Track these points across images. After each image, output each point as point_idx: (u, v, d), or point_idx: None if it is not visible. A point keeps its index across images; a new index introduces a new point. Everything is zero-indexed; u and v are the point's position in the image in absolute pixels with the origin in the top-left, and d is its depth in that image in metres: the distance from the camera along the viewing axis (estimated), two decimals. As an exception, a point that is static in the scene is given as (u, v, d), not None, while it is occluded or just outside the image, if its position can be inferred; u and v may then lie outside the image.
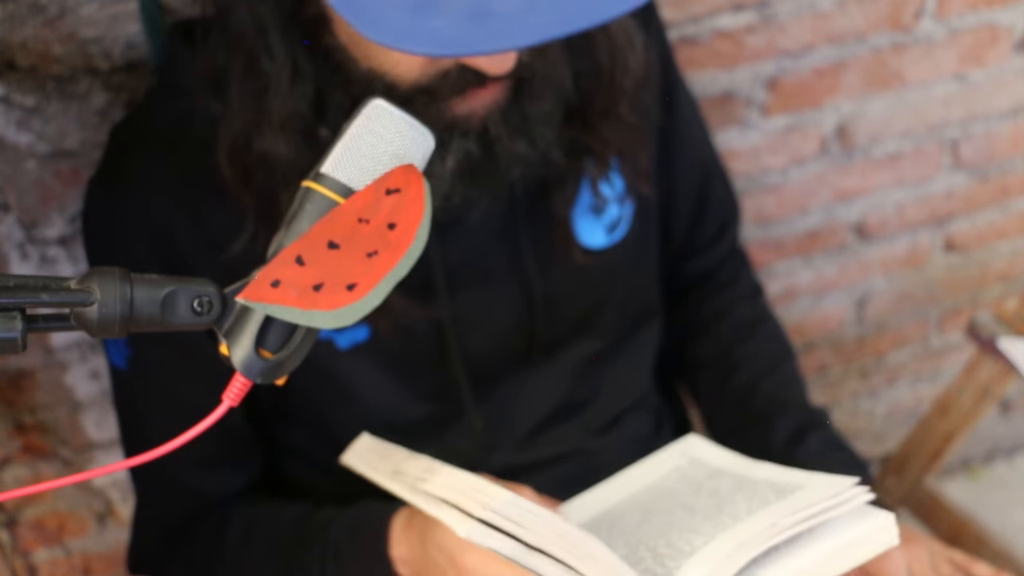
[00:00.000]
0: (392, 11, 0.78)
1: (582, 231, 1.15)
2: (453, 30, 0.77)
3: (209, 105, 1.02)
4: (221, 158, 1.01)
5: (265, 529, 1.13)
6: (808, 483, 0.98)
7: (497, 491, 0.90)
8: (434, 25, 0.77)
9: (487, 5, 0.77)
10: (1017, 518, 2.00)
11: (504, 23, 0.77)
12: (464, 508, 0.90)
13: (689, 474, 1.08)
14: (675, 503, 1.03)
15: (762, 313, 1.34)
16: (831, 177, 1.69)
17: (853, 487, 0.94)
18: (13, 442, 1.43)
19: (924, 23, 1.60)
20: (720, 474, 1.06)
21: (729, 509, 0.97)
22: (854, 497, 0.93)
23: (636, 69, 1.09)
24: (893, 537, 0.93)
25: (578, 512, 1.08)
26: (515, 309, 1.15)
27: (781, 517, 0.91)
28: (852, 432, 1.95)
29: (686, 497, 1.03)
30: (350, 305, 0.69)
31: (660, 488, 1.07)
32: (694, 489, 1.04)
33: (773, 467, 1.04)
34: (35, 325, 0.71)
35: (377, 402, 1.14)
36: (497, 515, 0.88)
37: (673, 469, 1.09)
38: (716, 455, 1.09)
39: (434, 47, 0.78)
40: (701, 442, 1.12)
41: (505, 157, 1.03)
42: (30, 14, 1.16)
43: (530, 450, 1.20)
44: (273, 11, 0.96)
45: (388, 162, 0.76)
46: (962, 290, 1.92)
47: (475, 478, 0.93)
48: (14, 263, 1.30)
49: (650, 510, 1.04)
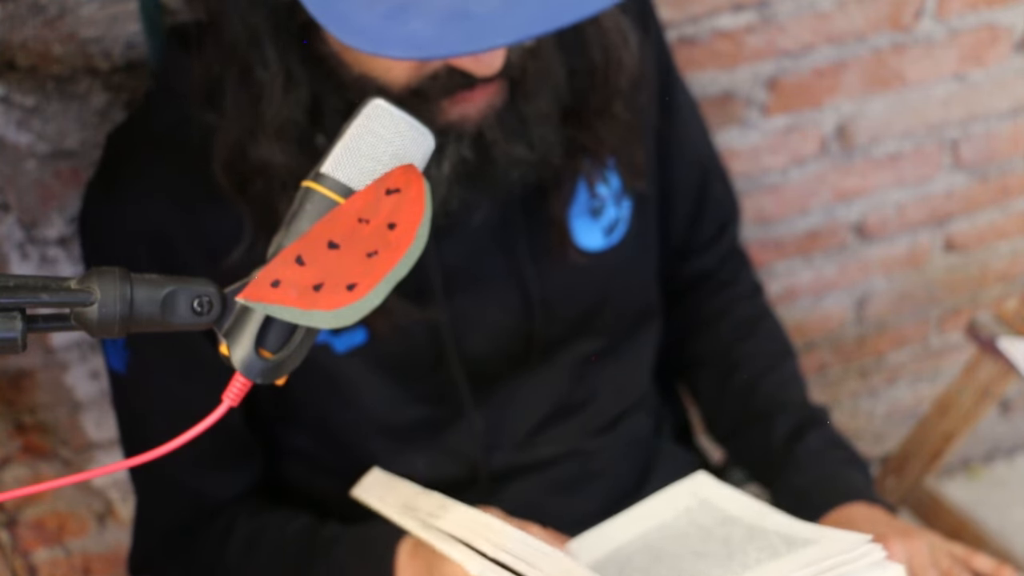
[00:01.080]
0: (369, 16, 0.78)
1: (579, 233, 1.15)
2: (430, 32, 0.77)
3: (205, 114, 1.02)
4: (217, 167, 1.01)
5: (269, 541, 1.13)
6: (821, 538, 0.98)
7: (509, 531, 0.91)
8: (411, 28, 0.77)
9: (464, 6, 0.77)
10: (1017, 518, 2.00)
11: (481, 23, 0.77)
12: (475, 546, 0.91)
13: (699, 518, 1.08)
14: (685, 548, 1.03)
15: (762, 312, 1.34)
16: (831, 177, 1.69)
17: (866, 543, 0.93)
18: (13, 442, 1.43)
19: (924, 23, 1.60)
20: (731, 521, 1.06)
21: (740, 559, 0.98)
22: (867, 554, 0.93)
23: (630, 67, 1.09)
24: None
25: (588, 550, 1.08)
26: (513, 311, 1.15)
27: (793, 571, 0.91)
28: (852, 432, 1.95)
29: (696, 543, 1.03)
30: (350, 305, 0.69)
31: (670, 529, 1.07)
32: (704, 535, 1.05)
33: (784, 517, 1.04)
34: (35, 325, 0.71)
35: (376, 404, 1.14)
36: (509, 555, 0.89)
37: (684, 510, 1.09)
38: (727, 498, 1.09)
39: (411, 50, 0.78)
40: (711, 482, 1.12)
41: (503, 160, 1.03)
42: (30, 14, 1.16)
43: (529, 451, 1.19)
44: (266, 20, 0.96)
45: (388, 162, 0.76)
46: (962, 290, 1.92)
47: (487, 517, 0.94)
48: (14, 263, 1.30)
49: (660, 553, 1.04)
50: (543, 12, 0.76)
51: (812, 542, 0.97)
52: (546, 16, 0.76)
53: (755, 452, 1.22)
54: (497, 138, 1.01)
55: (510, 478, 1.19)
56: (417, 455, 1.16)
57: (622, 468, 1.23)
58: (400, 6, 0.78)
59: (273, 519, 1.14)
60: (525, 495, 1.16)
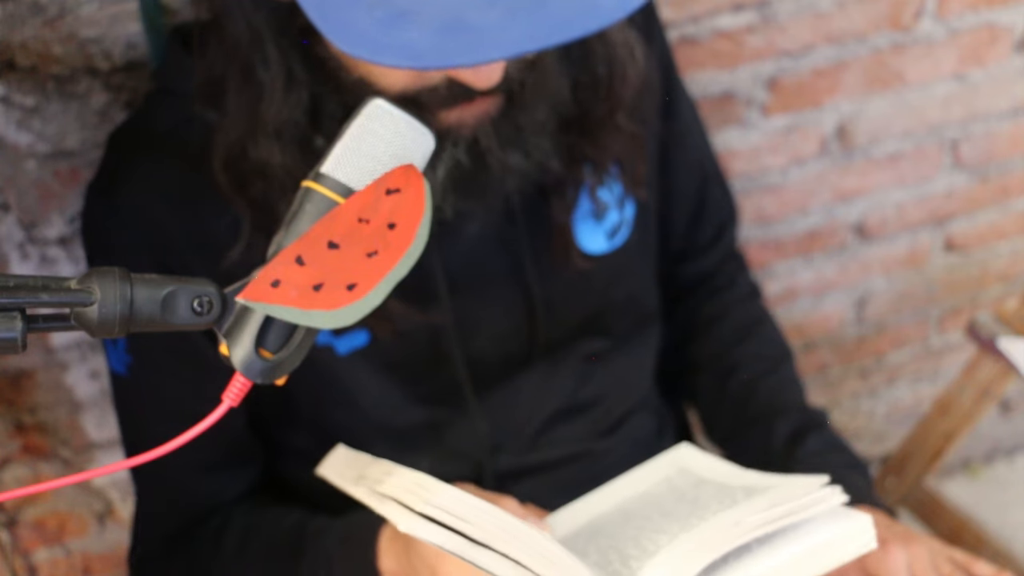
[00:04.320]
0: (367, 24, 0.78)
1: (583, 236, 1.16)
2: (427, 42, 0.77)
3: (207, 114, 1.02)
4: (216, 166, 1.01)
5: (262, 539, 1.13)
6: (779, 484, 0.97)
7: (441, 487, 0.89)
8: (408, 37, 0.77)
9: (462, 17, 0.77)
10: (1017, 518, 2.00)
11: (480, 36, 0.77)
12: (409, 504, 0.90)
13: (676, 483, 1.08)
14: (655, 510, 1.03)
15: (760, 315, 1.34)
16: (831, 177, 1.70)
17: (822, 487, 0.94)
18: (13, 442, 1.43)
19: (924, 23, 1.60)
20: (704, 483, 1.06)
21: (700, 512, 0.97)
22: (824, 498, 0.93)
23: (635, 79, 1.09)
24: (871, 539, 0.93)
25: (566, 522, 1.08)
26: (516, 314, 1.15)
27: (746, 515, 0.91)
28: (852, 432, 1.96)
29: (667, 504, 1.03)
30: (350, 305, 0.69)
31: (646, 496, 1.08)
32: (677, 497, 1.05)
33: (756, 474, 1.04)
34: (35, 325, 0.71)
35: (378, 406, 1.14)
36: (439, 510, 0.88)
37: (663, 479, 1.10)
38: (705, 464, 1.09)
39: (407, 59, 0.78)
40: (692, 451, 1.12)
41: (498, 167, 1.03)
42: (30, 14, 1.16)
43: (535, 452, 1.20)
44: (268, 20, 0.96)
45: (388, 162, 0.76)
46: (962, 290, 1.92)
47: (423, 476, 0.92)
48: (14, 263, 1.30)
49: (630, 515, 1.04)
50: (543, 27, 0.76)
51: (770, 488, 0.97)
52: (546, 32, 0.76)
53: (755, 455, 1.22)
54: (492, 145, 1.01)
55: (516, 479, 1.19)
56: (421, 457, 1.16)
57: (627, 469, 1.23)
58: (398, 14, 0.78)
59: (267, 515, 1.15)
60: (531, 496, 1.16)
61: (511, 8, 0.77)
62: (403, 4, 0.78)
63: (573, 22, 0.77)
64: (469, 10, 0.77)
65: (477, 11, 0.77)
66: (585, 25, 0.77)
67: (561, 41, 0.77)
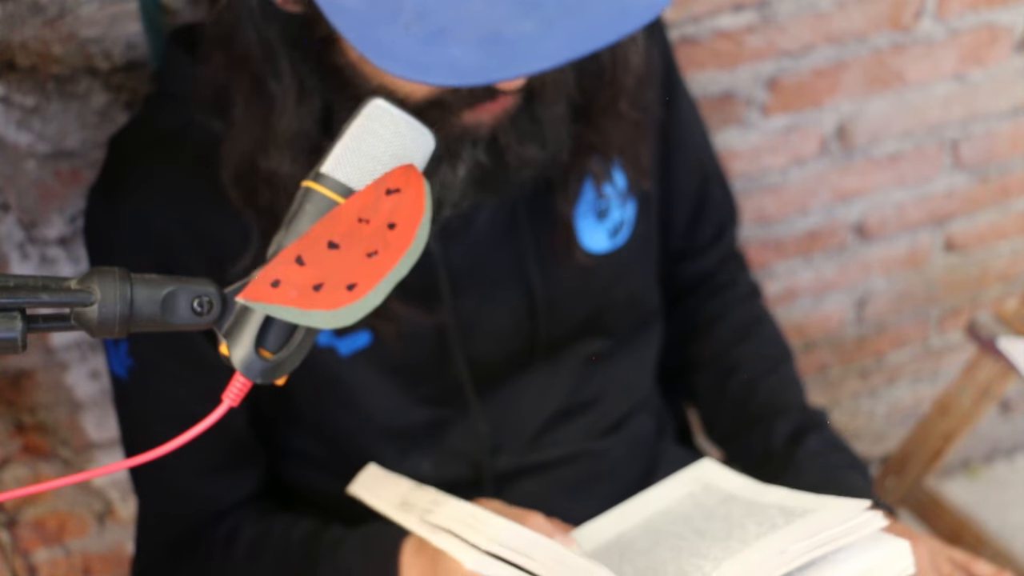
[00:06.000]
0: (406, 42, 0.78)
1: (585, 234, 1.15)
2: (470, 58, 0.77)
3: (210, 121, 1.02)
4: (226, 178, 1.00)
5: (274, 547, 1.12)
6: (819, 507, 0.97)
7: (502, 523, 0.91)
8: (449, 54, 0.77)
9: (498, 30, 0.77)
10: (1017, 518, 2.00)
11: (519, 47, 0.77)
12: (470, 540, 0.91)
13: (702, 500, 1.08)
14: (686, 528, 1.03)
15: (760, 314, 1.34)
16: (831, 177, 1.70)
17: (864, 511, 0.93)
18: (13, 442, 1.43)
19: (924, 23, 1.60)
20: (732, 499, 1.06)
21: (739, 534, 0.97)
22: (867, 523, 0.92)
23: (637, 66, 1.09)
24: (909, 565, 0.93)
25: (592, 538, 1.08)
26: (517, 312, 1.15)
27: (791, 543, 0.91)
28: (852, 432, 1.95)
29: (698, 522, 1.03)
30: (350, 305, 0.69)
31: (673, 513, 1.07)
32: (706, 514, 1.04)
33: (784, 491, 1.03)
34: (35, 325, 0.71)
35: (381, 406, 1.14)
36: (503, 547, 0.89)
37: (688, 495, 1.10)
38: (729, 480, 1.09)
39: (453, 77, 0.78)
40: (715, 467, 1.12)
41: (515, 161, 1.03)
42: (30, 14, 1.16)
43: (535, 452, 1.20)
44: (281, 33, 0.95)
45: (388, 162, 0.76)
46: (962, 290, 1.92)
47: (479, 510, 0.94)
48: (14, 263, 1.30)
49: (661, 534, 1.04)
50: (578, 35, 0.77)
51: (810, 511, 0.97)
52: (581, 39, 0.77)
53: (755, 455, 1.22)
54: (510, 141, 1.01)
55: (516, 479, 1.19)
56: (422, 457, 1.16)
57: (627, 469, 1.23)
58: (436, 31, 0.77)
59: (277, 523, 1.14)
60: (531, 496, 1.16)
61: (546, 19, 0.77)
62: (440, 21, 0.78)
63: (607, 27, 0.77)
64: (505, 23, 0.77)
65: (513, 23, 0.77)
66: (619, 29, 0.77)
67: (598, 47, 0.77)
